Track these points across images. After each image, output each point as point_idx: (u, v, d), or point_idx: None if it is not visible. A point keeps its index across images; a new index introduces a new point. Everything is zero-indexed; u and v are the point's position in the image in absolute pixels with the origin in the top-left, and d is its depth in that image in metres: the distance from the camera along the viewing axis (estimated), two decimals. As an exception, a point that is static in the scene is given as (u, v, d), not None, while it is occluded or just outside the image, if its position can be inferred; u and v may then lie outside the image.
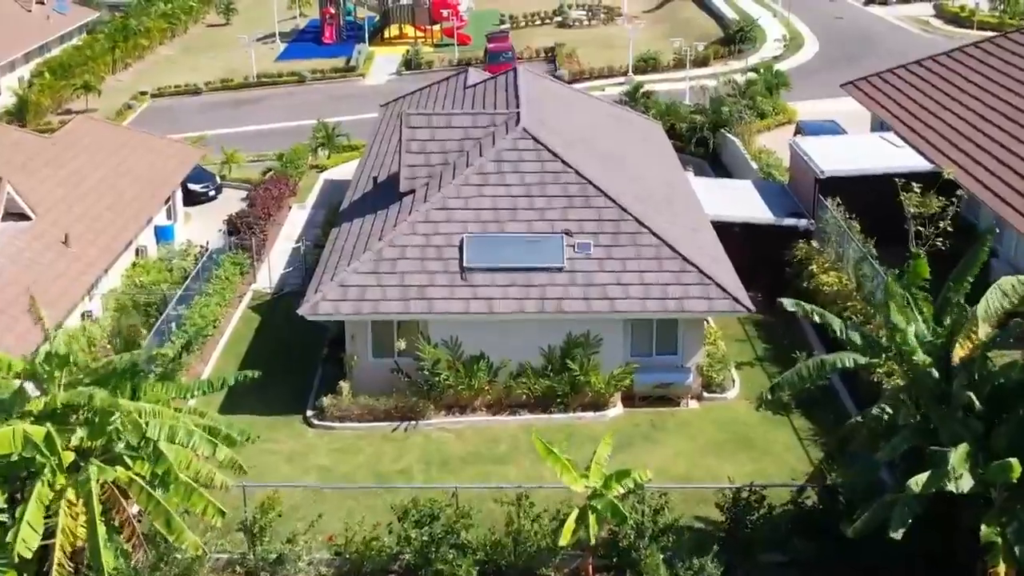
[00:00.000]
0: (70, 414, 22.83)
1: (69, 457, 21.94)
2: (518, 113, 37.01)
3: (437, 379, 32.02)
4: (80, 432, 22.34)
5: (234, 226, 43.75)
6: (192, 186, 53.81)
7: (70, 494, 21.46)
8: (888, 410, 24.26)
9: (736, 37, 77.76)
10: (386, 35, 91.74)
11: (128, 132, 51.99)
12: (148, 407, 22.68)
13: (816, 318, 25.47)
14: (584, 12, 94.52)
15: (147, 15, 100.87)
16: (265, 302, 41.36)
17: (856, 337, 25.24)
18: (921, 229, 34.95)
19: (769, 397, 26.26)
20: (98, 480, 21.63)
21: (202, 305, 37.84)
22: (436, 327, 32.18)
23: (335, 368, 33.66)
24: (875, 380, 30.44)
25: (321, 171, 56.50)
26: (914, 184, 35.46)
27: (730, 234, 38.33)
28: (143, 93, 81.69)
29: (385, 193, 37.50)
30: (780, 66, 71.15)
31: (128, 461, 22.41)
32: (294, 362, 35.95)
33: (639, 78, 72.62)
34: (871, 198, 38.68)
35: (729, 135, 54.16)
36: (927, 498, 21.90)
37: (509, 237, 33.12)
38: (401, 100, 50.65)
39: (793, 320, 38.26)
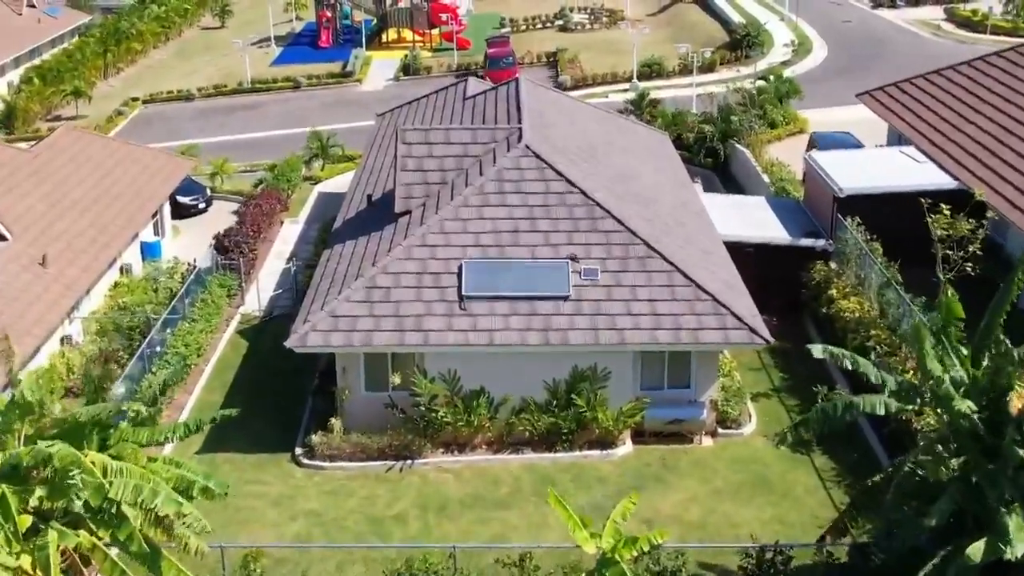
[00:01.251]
0: (32, 470, 20.81)
1: (26, 522, 19.90)
2: (520, 129, 34.96)
3: (434, 415, 29.99)
4: (40, 491, 20.31)
5: (222, 245, 41.66)
6: (181, 198, 51.86)
7: (25, 562, 19.40)
8: (925, 463, 22.19)
9: (743, 42, 75.73)
10: (384, 39, 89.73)
11: (114, 143, 49.92)
12: (114, 464, 20.65)
13: (848, 364, 23.36)
14: (586, 16, 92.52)
15: (140, 18, 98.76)
16: (254, 326, 39.29)
17: (891, 383, 23.17)
18: (949, 253, 32.89)
19: (790, 438, 24.25)
20: (58, 547, 19.59)
21: (186, 332, 35.79)
22: (433, 360, 30.14)
23: (326, 402, 31.61)
24: (904, 417, 28.40)
25: (315, 183, 54.46)
26: (942, 205, 33.36)
27: (743, 255, 36.33)
28: (134, 99, 79.73)
29: (379, 212, 35.47)
30: (788, 72, 69.21)
31: (92, 524, 20.37)
32: (283, 393, 33.92)
33: (643, 84, 70.68)
34: (893, 217, 36.69)
35: (739, 146, 52.16)
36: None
37: (511, 263, 31.07)
38: (398, 110, 48.63)
39: (808, 343, 36.11)
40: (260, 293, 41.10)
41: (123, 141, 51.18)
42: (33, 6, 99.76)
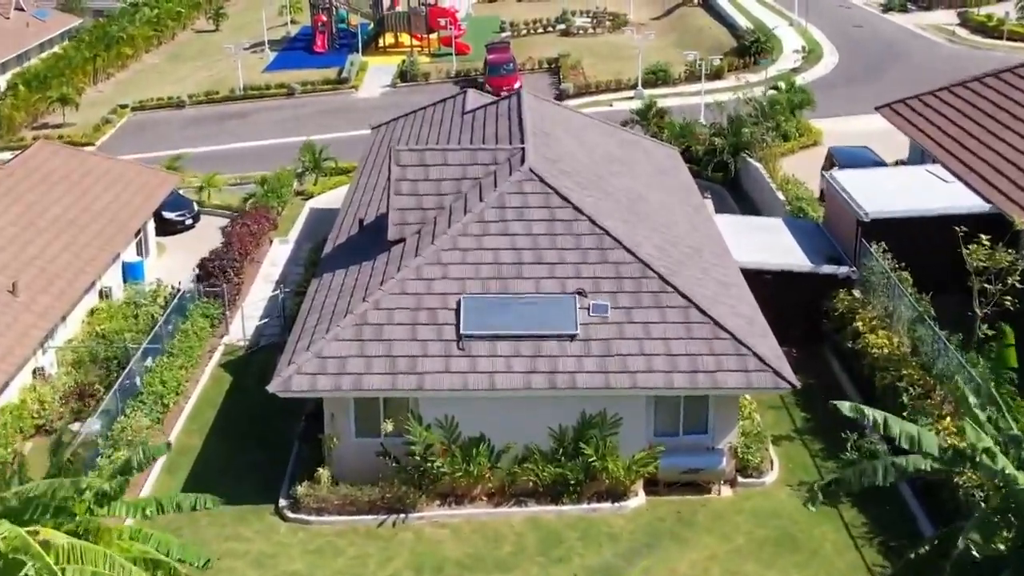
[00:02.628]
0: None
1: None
2: (522, 149, 32.54)
3: (430, 465, 27.55)
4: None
5: (206, 270, 39.19)
6: (167, 214, 49.46)
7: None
8: (976, 538, 19.75)
9: (751, 48, 73.22)
10: (381, 44, 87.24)
11: (94, 158, 47.50)
12: (67, 543, 18.22)
13: (881, 427, 20.93)
14: (588, 20, 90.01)
15: (132, 22, 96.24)
16: (239, 357, 36.83)
17: (933, 446, 20.74)
18: (988, 286, 30.49)
19: (821, 497, 21.85)
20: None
21: (164, 368, 33.33)
22: (429, 405, 27.71)
23: (313, 448, 29.15)
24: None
25: (307, 199, 52.01)
26: (981, 236, 30.96)
27: (761, 282, 33.95)
28: (123, 106, 77.21)
29: (372, 239, 33.03)
30: (798, 79, 66.76)
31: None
32: (268, 435, 31.50)
33: (649, 92, 68.24)
34: (921, 243, 34.42)
35: (751, 160, 49.72)
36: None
37: (513, 299, 28.64)
38: (393, 123, 46.23)
39: (831, 378, 33.94)
40: (245, 321, 38.66)
41: (104, 156, 48.77)
42: (22, 9, 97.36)
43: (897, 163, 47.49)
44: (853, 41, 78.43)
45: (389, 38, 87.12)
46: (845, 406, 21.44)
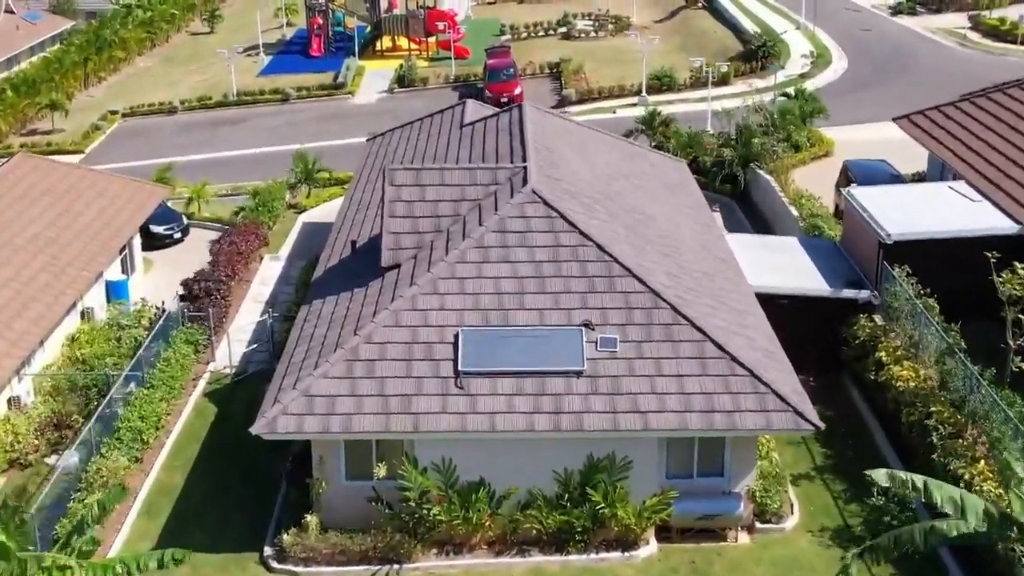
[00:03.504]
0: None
1: None
2: (524, 168, 30.59)
3: (426, 512, 25.61)
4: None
5: (191, 292, 37.24)
6: (154, 228, 47.56)
7: None
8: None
9: (758, 53, 71.25)
10: (378, 47, 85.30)
11: (77, 172, 45.52)
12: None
13: (921, 495, 19.04)
14: (590, 23, 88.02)
15: (124, 24, 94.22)
16: (225, 386, 34.88)
17: (979, 511, 18.84)
18: (1022, 317, 28.57)
19: (854, 571, 20.00)
20: None
21: (143, 401, 31.37)
22: (424, 448, 25.78)
23: (300, 490, 27.20)
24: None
25: (299, 212, 50.05)
26: (1016, 265, 29.06)
27: (776, 307, 32.06)
28: (113, 112, 75.29)
29: (365, 263, 31.11)
30: (807, 85, 64.88)
31: None
32: (254, 474, 29.57)
33: (653, 98, 66.37)
34: (947, 266, 32.49)
35: (761, 171, 47.80)
36: None
37: (515, 332, 26.70)
38: (389, 134, 44.27)
39: (852, 411, 32.04)
40: (232, 346, 36.69)
41: (87, 169, 46.80)
42: (12, 12, 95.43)
43: (915, 176, 45.64)
44: (862, 45, 76.48)
45: (386, 42, 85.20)
46: (879, 474, 19.54)
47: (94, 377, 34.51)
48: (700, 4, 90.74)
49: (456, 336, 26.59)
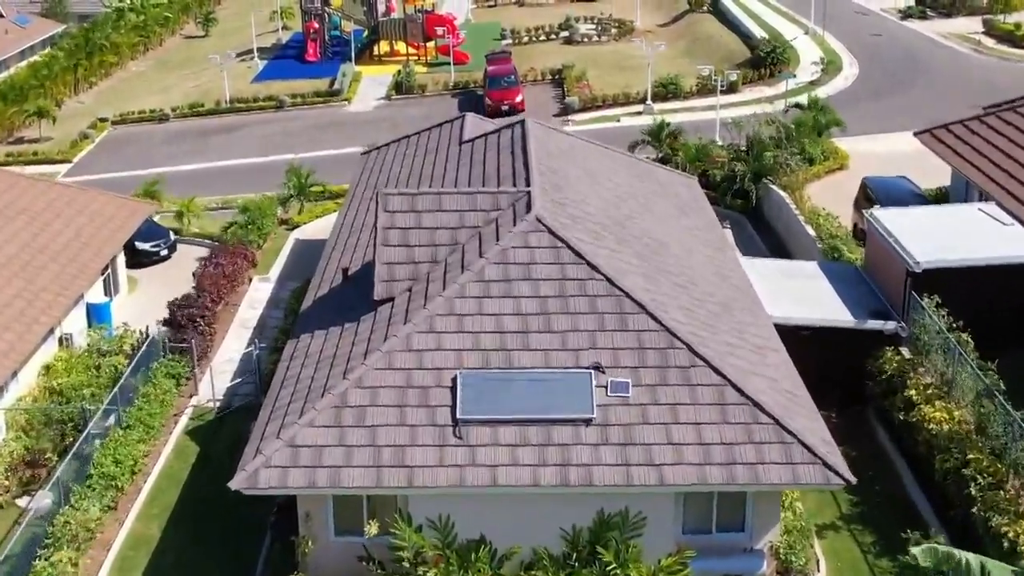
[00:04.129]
0: None
1: None
2: (528, 193, 28.44)
3: (421, 572, 23.41)
4: None
5: (174, 319, 35.08)
6: (140, 244, 45.46)
7: None
8: None
9: (767, 59, 69.10)
10: (375, 52, 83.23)
11: (56, 188, 43.33)
12: None
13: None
14: (593, 27, 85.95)
15: (116, 28, 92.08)
16: (208, 422, 32.74)
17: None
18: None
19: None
20: None
21: (119, 443, 29.20)
22: (420, 503, 23.61)
23: (285, 547, 25.04)
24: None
25: (291, 229, 47.90)
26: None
27: (797, 339, 29.97)
28: (103, 120, 73.15)
29: (356, 293, 28.97)
30: (817, 93, 62.82)
31: None
32: (237, 521, 27.39)
33: (659, 107, 64.33)
34: (980, 297, 30.42)
35: (774, 187, 45.68)
36: None
37: (519, 375, 24.54)
38: (384, 149, 42.12)
39: (879, 453, 29.91)
40: (218, 376, 34.59)
41: (67, 185, 44.63)
42: (1, 16, 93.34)
43: (937, 193, 43.57)
44: (873, 51, 74.35)
45: (384, 46, 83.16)
46: (920, 552, 17.40)
47: (70, 411, 32.42)
48: (705, 8, 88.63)
49: (454, 380, 24.45)
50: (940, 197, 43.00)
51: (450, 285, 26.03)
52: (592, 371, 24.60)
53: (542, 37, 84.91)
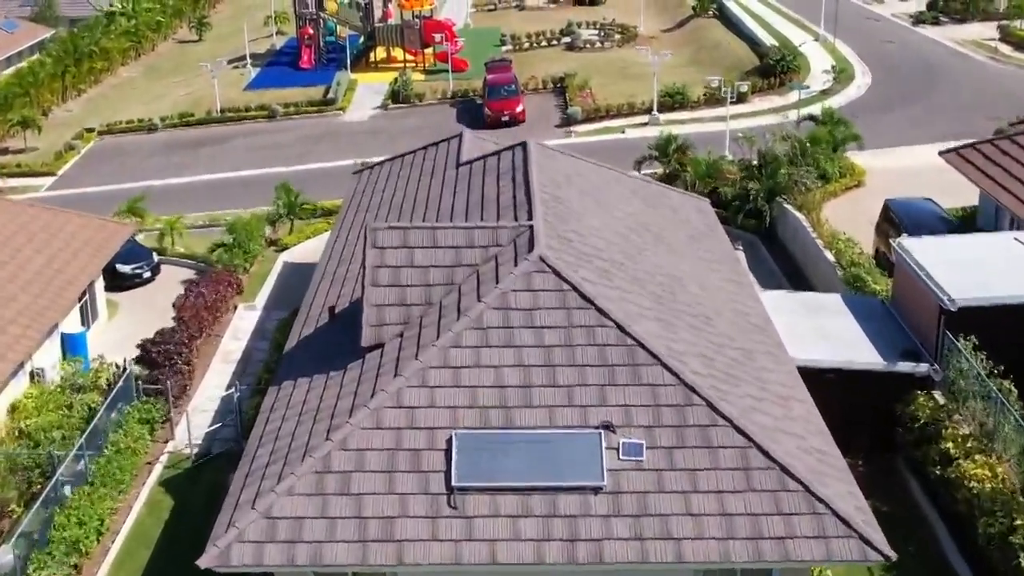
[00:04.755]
0: None
1: None
2: (531, 227, 26.05)
3: (412, 658, 21.12)
4: None
5: (149, 357, 32.67)
6: (121, 267, 43.17)
7: None
8: None
9: (776, 67, 66.70)
10: (371, 59, 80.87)
11: (31, 211, 40.95)
12: None
13: None
14: (595, 33, 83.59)
15: (105, 33, 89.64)
16: (185, 471, 30.32)
17: None
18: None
19: None
20: None
21: (83, 502, 26.73)
22: (411, 581, 21.26)
23: (263, 624, 22.68)
24: None
25: (280, 250, 45.49)
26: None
27: (821, 381, 27.62)
28: (89, 131, 70.85)
29: (343, 336, 26.60)
30: (829, 103, 60.48)
31: None
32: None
33: (665, 117, 62.01)
34: (1018, 336, 27.99)
35: (788, 206, 43.31)
36: None
37: (521, 436, 22.15)
38: (378, 168, 39.72)
39: (913, 508, 27.52)
40: (197, 416, 32.20)
41: (41, 207, 42.22)
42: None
43: (963, 213, 41.23)
44: (885, 58, 71.94)
45: (381, 53, 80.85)
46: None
47: (37, 456, 30.06)
48: (711, 13, 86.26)
49: (449, 441, 22.05)
50: (967, 218, 40.66)
51: (444, 333, 23.62)
52: (602, 431, 22.19)
53: (543, 43, 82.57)
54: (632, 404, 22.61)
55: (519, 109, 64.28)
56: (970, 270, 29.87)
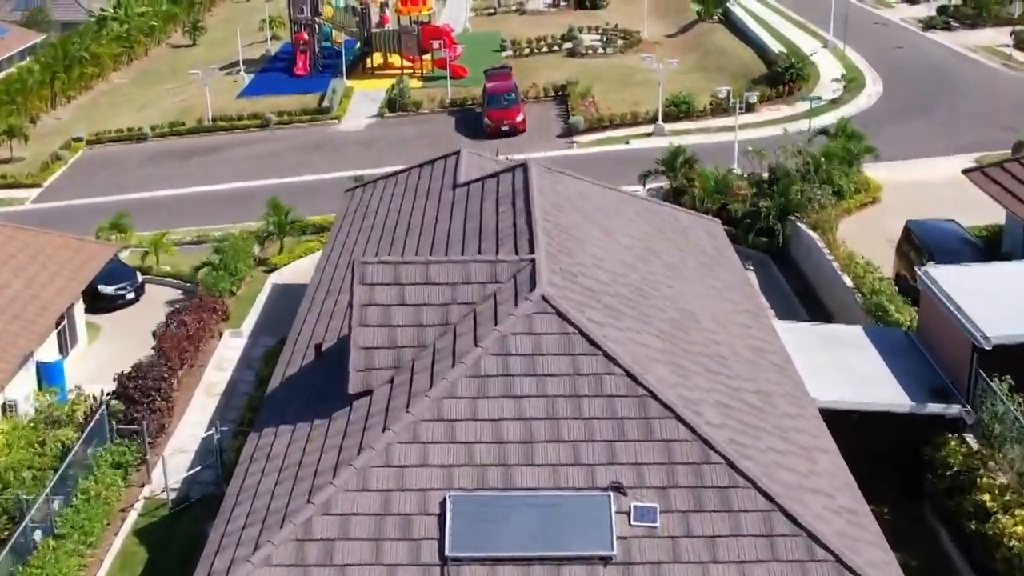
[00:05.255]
0: None
1: None
2: (532, 261, 24.03)
3: None
4: None
5: (126, 393, 30.62)
6: (103, 288, 41.23)
7: None
8: None
9: (785, 75, 64.66)
10: (368, 65, 78.87)
11: (6, 231, 38.93)
12: None
13: None
14: (598, 38, 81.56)
15: (96, 39, 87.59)
16: (161, 519, 28.28)
17: None
18: None
19: None
20: None
21: (47, 558, 24.70)
22: (400, 662, 19.24)
23: None
24: None
25: (270, 270, 43.48)
26: None
27: (843, 422, 25.69)
28: (77, 140, 68.80)
29: (329, 379, 24.64)
30: (841, 113, 58.57)
31: None
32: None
33: (670, 127, 60.02)
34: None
35: (802, 225, 41.33)
36: None
37: (521, 499, 20.12)
38: (371, 187, 37.78)
39: (944, 563, 25.55)
40: (178, 454, 30.26)
41: (15, 227, 40.17)
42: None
43: (988, 232, 39.29)
44: (896, 66, 69.88)
45: (377, 59, 78.80)
46: None
47: (3, 501, 28.08)
48: (716, 18, 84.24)
49: (442, 505, 20.02)
50: (992, 239, 38.67)
51: (438, 381, 21.60)
52: (611, 493, 20.15)
53: (544, 48, 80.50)
54: (644, 462, 20.58)
55: (519, 119, 62.36)
56: (1004, 303, 27.83)
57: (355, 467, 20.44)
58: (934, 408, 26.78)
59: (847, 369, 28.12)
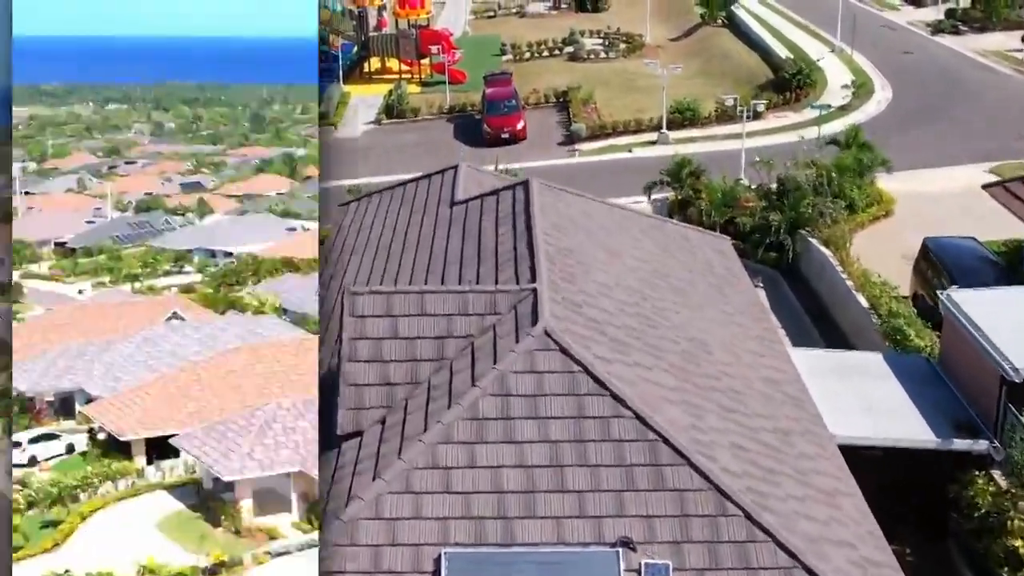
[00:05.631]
0: None
1: None
2: (534, 291, 22.49)
3: None
4: None
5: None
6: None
7: None
8: None
9: (792, 81, 63.22)
10: (365, 69, 77.50)
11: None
12: None
13: None
14: (600, 42, 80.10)
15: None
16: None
17: None
18: None
19: None
20: None
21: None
22: None
23: None
24: None
25: (261, 287, 42.08)
26: None
27: (863, 458, 24.19)
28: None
29: (322, 410, 23.08)
30: (850, 120, 57.14)
31: None
32: None
33: (674, 134, 58.62)
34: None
35: (813, 240, 39.86)
36: None
37: (523, 556, 18.57)
38: (366, 201, 36.27)
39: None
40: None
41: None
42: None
43: (1009, 247, 37.84)
44: (905, 71, 68.54)
45: (375, 63, 77.48)
46: None
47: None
48: (720, 21, 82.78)
49: (437, 561, 18.47)
50: (1012, 255, 37.19)
51: (433, 424, 20.04)
52: (620, 549, 18.59)
53: (545, 53, 79.18)
54: (655, 515, 18.99)
55: (520, 126, 61.02)
56: (1031, 328, 26.32)
57: (343, 520, 18.87)
58: (960, 445, 25.31)
59: (867, 401, 26.67)
